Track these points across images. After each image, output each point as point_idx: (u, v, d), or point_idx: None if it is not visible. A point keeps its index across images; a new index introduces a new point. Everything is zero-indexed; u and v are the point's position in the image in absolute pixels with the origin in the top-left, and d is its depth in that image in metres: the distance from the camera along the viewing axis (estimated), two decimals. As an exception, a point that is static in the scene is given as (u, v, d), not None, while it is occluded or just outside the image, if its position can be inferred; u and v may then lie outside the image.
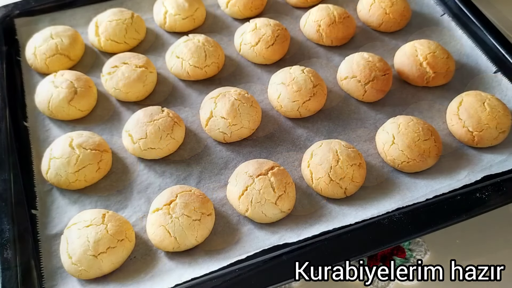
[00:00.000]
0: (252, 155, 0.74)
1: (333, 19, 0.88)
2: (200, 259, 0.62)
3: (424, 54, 0.81)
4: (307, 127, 0.78)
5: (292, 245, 0.60)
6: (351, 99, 0.81)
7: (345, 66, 0.81)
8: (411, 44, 0.84)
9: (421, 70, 0.80)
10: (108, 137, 0.77)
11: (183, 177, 0.72)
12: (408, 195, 0.66)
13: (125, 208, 0.69)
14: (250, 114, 0.74)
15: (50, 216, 0.67)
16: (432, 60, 0.80)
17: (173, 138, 0.73)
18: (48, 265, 0.62)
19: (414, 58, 0.81)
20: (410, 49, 0.83)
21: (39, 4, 0.92)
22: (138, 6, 0.97)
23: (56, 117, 0.78)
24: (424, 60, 0.80)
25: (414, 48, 0.82)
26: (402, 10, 0.90)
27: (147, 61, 0.83)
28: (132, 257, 0.63)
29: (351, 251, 0.60)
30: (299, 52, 0.89)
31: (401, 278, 0.67)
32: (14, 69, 0.85)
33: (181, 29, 0.92)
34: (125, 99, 0.81)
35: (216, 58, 0.83)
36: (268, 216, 0.64)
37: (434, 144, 0.70)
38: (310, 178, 0.68)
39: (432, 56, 0.80)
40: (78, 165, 0.68)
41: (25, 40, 0.88)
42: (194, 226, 0.62)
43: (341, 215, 0.65)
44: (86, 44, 0.90)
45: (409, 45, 0.84)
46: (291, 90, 0.76)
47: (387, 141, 0.71)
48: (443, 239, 0.70)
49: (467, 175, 0.68)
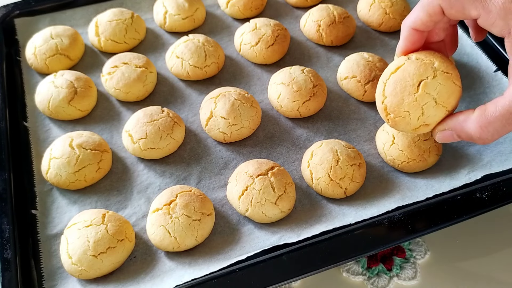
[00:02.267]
0: (252, 155, 0.74)
1: (333, 19, 0.88)
2: (200, 259, 0.62)
3: (424, 54, 0.81)
4: (307, 127, 0.78)
5: (292, 245, 0.60)
6: (351, 99, 0.81)
7: (345, 66, 0.81)
8: (411, 44, 0.83)
9: (421, 70, 0.80)
10: (108, 137, 0.77)
11: (183, 177, 0.72)
12: (408, 195, 0.66)
13: (125, 208, 0.69)
14: (250, 114, 0.74)
15: (50, 216, 0.67)
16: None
17: (173, 138, 0.73)
18: (48, 265, 0.62)
19: (414, 58, 0.81)
20: (410, 49, 0.82)
21: (39, 4, 0.92)
22: (138, 6, 0.97)
23: (56, 117, 0.78)
24: (424, 60, 0.80)
25: (414, 48, 0.82)
26: (402, 10, 0.90)
27: (147, 61, 0.83)
28: (132, 257, 0.63)
29: (351, 251, 0.59)
30: (299, 52, 0.89)
31: (401, 278, 0.67)
32: (14, 69, 0.85)
33: (181, 29, 0.92)
34: (125, 99, 0.81)
35: (216, 58, 0.83)
36: (268, 216, 0.64)
37: (434, 144, 0.70)
38: (310, 178, 0.68)
39: (432, 56, 0.80)
40: (78, 165, 0.68)
41: (25, 40, 0.88)
42: (194, 226, 0.62)
43: (341, 215, 0.65)
44: (86, 44, 0.90)
45: (409, 45, 0.83)
46: (291, 90, 0.76)
47: (387, 141, 0.71)
48: (443, 239, 0.70)
49: (467, 174, 0.68)
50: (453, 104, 0.54)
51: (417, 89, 0.54)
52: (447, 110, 0.54)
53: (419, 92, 0.54)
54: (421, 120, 0.55)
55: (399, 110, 0.55)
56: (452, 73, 0.54)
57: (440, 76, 0.53)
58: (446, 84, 0.53)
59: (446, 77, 0.53)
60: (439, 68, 0.54)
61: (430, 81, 0.53)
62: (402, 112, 0.55)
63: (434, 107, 0.54)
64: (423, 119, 0.55)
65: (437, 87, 0.54)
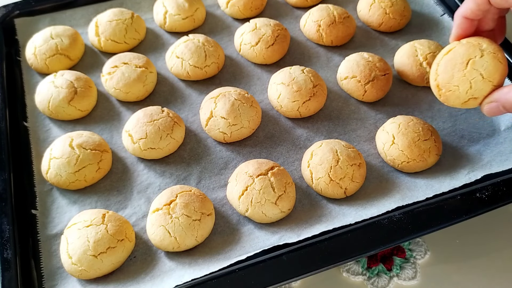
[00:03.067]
0: (252, 155, 0.74)
1: (333, 19, 0.88)
2: (200, 259, 0.62)
3: (424, 54, 0.81)
4: (307, 127, 0.78)
5: (292, 245, 0.60)
6: (351, 99, 0.81)
7: (345, 66, 0.81)
8: (411, 44, 0.84)
9: (421, 70, 0.80)
10: (108, 137, 0.77)
11: (183, 177, 0.72)
12: (408, 195, 0.66)
13: (125, 208, 0.69)
14: (250, 114, 0.74)
15: (50, 216, 0.68)
16: (432, 60, 0.80)
17: (173, 138, 0.73)
18: (48, 265, 0.62)
19: (414, 58, 0.81)
20: (410, 49, 0.83)
21: (39, 4, 0.92)
22: (138, 6, 0.97)
23: (56, 117, 0.78)
24: (424, 60, 0.80)
25: (414, 48, 0.82)
26: (402, 10, 0.90)
27: (147, 61, 0.83)
28: (132, 257, 0.63)
29: (351, 251, 0.59)
30: (299, 52, 0.89)
31: (401, 278, 0.67)
32: (14, 69, 0.85)
33: (181, 29, 0.92)
34: (125, 99, 0.81)
35: (216, 58, 0.83)
36: (268, 216, 0.64)
37: (434, 144, 0.70)
38: (310, 178, 0.68)
39: (432, 56, 0.80)
40: (78, 165, 0.68)
41: (25, 40, 0.88)
42: (194, 226, 0.62)
43: (341, 215, 0.65)
44: (86, 44, 0.90)
45: (409, 45, 0.84)
46: (291, 90, 0.76)
47: (387, 141, 0.71)
48: (443, 239, 0.70)
49: (467, 174, 0.68)
50: (498, 79, 0.59)
51: (466, 66, 0.60)
52: (493, 84, 0.59)
53: (468, 68, 0.60)
54: (469, 94, 0.61)
55: (449, 85, 0.62)
56: (498, 53, 0.60)
57: (487, 55, 0.60)
58: (492, 62, 0.59)
59: (493, 56, 0.59)
60: (486, 49, 0.60)
61: (478, 59, 0.60)
62: (452, 86, 0.62)
63: (481, 82, 0.60)
64: (471, 93, 0.60)
65: (484, 64, 0.59)
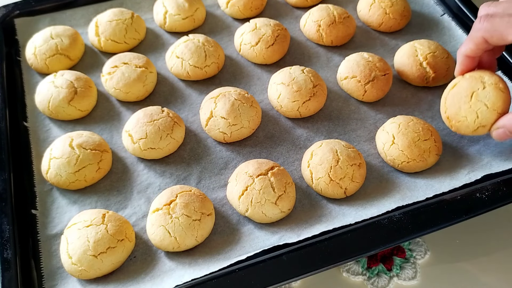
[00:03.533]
0: (252, 155, 0.74)
1: (333, 19, 0.88)
2: (200, 259, 0.62)
3: (424, 54, 0.81)
4: (307, 127, 0.78)
5: (292, 245, 0.60)
6: (351, 99, 0.81)
7: (345, 66, 0.81)
8: (411, 44, 0.84)
9: (421, 70, 0.80)
10: (108, 137, 0.77)
11: (183, 177, 0.72)
12: (408, 195, 0.66)
13: (125, 208, 0.69)
14: (250, 114, 0.74)
15: (50, 216, 0.67)
16: (432, 60, 0.80)
17: (173, 138, 0.73)
18: (48, 265, 0.62)
19: (414, 58, 0.81)
20: (410, 49, 0.83)
21: (39, 4, 0.92)
22: (138, 6, 0.97)
23: (56, 117, 0.78)
24: (424, 60, 0.80)
25: (414, 48, 0.82)
26: (402, 10, 0.90)
27: (147, 61, 0.83)
28: (132, 257, 0.63)
29: (351, 251, 0.59)
30: (299, 52, 0.89)
31: (401, 278, 0.67)
32: (14, 69, 0.85)
33: (181, 29, 0.92)
34: (125, 99, 0.81)
35: (216, 58, 0.83)
36: (268, 216, 0.64)
37: (434, 144, 0.70)
38: (310, 178, 0.68)
39: (432, 56, 0.80)
40: (78, 165, 0.68)
41: (25, 40, 0.88)
42: (194, 226, 0.62)
43: (341, 215, 0.65)
44: (86, 44, 0.90)
45: (409, 45, 0.84)
46: (291, 90, 0.76)
47: (387, 141, 0.71)
48: (443, 239, 0.70)
49: (467, 174, 0.68)
50: (502, 107, 0.65)
51: (470, 98, 0.67)
52: (498, 112, 0.65)
53: (472, 100, 0.66)
54: (477, 123, 0.66)
55: (458, 116, 0.68)
56: (499, 83, 0.65)
57: (489, 87, 0.66)
58: (494, 92, 0.65)
59: (494, 87, 0.65)
60: (488, 81, 0.66)
61: (481, 92, 0.66)
62: (460, 117, 0.68)
63: (486, 111, 0.65)
64: (479, 122, 0.66)
65: (487, 96, 0.65)
